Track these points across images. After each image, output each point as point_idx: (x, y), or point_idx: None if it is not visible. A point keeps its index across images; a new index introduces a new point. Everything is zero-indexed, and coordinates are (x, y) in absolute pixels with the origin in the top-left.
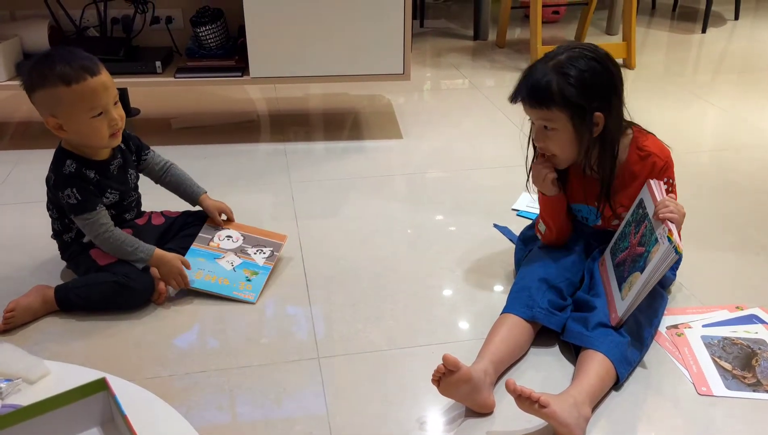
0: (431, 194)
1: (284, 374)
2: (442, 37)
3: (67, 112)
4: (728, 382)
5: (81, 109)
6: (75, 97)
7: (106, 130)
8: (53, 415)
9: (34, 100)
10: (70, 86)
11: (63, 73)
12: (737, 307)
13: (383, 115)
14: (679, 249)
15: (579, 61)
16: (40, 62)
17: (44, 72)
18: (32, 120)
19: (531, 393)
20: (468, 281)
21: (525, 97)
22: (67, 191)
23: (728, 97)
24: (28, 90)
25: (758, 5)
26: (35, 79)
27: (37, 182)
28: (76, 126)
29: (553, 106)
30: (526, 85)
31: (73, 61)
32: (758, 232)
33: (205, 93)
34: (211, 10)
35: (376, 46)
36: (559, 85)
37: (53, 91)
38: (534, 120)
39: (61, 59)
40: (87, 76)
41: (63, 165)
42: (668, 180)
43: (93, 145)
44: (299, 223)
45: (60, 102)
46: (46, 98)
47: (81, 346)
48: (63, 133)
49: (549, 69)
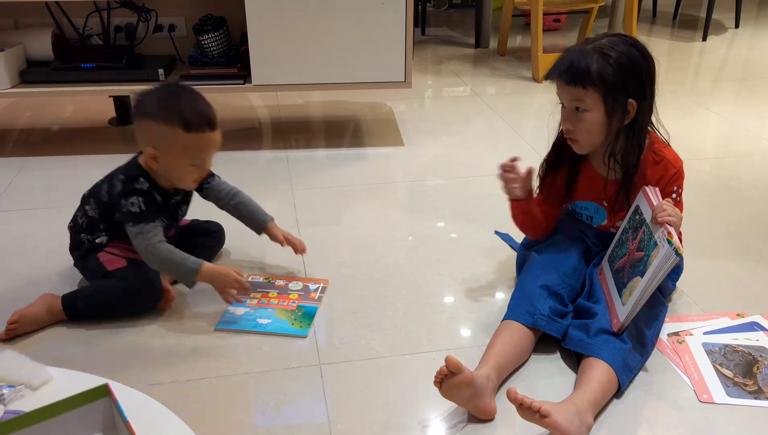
0: (432, 201)
1: (285, 381)
2: (444, 44)
3: (171, 152)
4: (729, 390)
5: (187, 156)
6: (188, 143)
7: (195, 178)
8: (56, 421)
9: (142, 125)
10: (188, 132)
11: (187, 118)
12: (738, 315)
13: (384, 122)
14: (679, 250)
15: (619, 45)
16: (169, 95)
17: (169, 107)
18: (35, 127)
19: (532, 402)
20: (469, 288)
21: (562, 73)
22: (133, 199)
23: (729, 105)
24: (141, 114)
25: (759, 13)
26: (156, 109)
27: (39, 189)
28: (172, 167)
29: (588, 85)
30: (565, 62)
31: (200, 108)
32: (759, 240)
33: (208, 100)
34: (214, 18)
35: (377, 54)
36: (598, 64)
37: (170, 129)
38: (566, 101)
39: (189, 101)
40: (207, 129)
41: (136, 180)
42: (677, 189)
43: (173, 185)
44: (300, 230)
45: (170, 141)
46: (157, 131)
47: (83, 352)
48: (153, 163)
49: (589, 50)
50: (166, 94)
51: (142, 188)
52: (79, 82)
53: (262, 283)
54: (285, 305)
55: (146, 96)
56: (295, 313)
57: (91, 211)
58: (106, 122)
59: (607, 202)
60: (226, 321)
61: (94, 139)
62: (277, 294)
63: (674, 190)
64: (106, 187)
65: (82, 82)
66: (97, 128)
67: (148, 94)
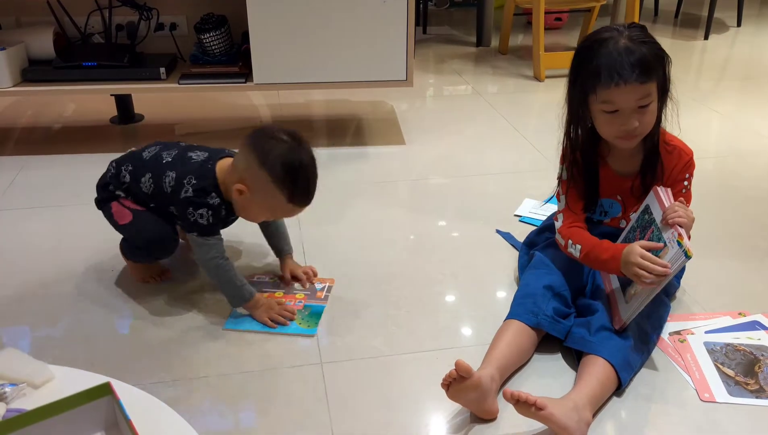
0: (434, 200)
1: (287, 380)
2: (445, 43)
3: (260, 201)
4: (731, 389)
5: (272, 212)
6: (281, 207)
7: (261, 220)
8: (58, 419)
9: (255, 169)
10: (288, 203)
11: (296, 195)
12: (740, 314)
13: (386, 121)
14: (689, 252)
15: (638, 31)
16: (294, 163)
17: (288, 174)
18: (36, 126)
19: (528, 397)
20: (471, 287)
21: (637, 75)
22: (202, 211)
23: (731, 104)
24: (261, 160)
25: (760, 12)
26: (275, 168)
27: (42, 187)
28: (251, 209)
29: (654, 77)
30: (630, 64)
31: (311, 189)
32: (761, 239)
33: (209, 99)
34: (215, 17)
35: (379, 53)
36: (651, 53)
37: (276, 190)
38: (633, 101)
39: (305, 180)
40: (303, 205)
41: (209, 195)
42: (688, 177)
43: (241, 216)
44: (302, 228)
45: (267, 196)
46: (263, 182)
47: (85, 350)
48: (235, 195)
49: (632, 44)
50: (292, 158)
51: (213, 203)
52: (81, 80)
53: (268, 283)
54: (292, 305)
55: (275, 147)
56: (302, 312)
57: (146, 186)
58: (108, 121)
59: (623, 195)
60: (234, 321)
61: (96, 137)
62: (284, 294)
63: (686, 178)
64: (170, 180)
65: (83, 80)
66: (99, 127)
67: (276, 145)
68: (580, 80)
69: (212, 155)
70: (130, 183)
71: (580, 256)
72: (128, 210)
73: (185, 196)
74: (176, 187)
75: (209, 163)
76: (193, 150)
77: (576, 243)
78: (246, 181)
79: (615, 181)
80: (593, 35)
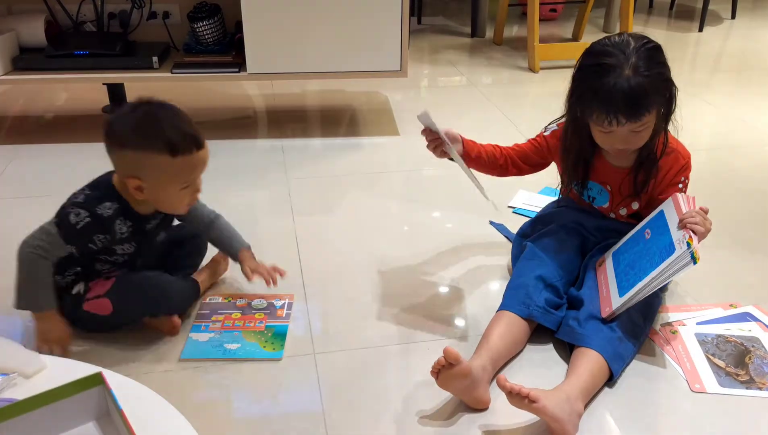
0: (428, 191)
1: (280, 370)
2: (440, 34)
3: (159, 180)
4: (721, 380)
5: (176, 181)
6: (176, 168)
7: (188, 202)
8: (49, 409)
9: (120, 155)
10: (175, 157)
11: (171, 142)
12: (731, 305)
13: (380, 111)
14: (696, 256)
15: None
16: (146, 119)
17: (148, 133)
18: (28, 115)
19: (521, 389)
20: (464, 278)
21: (626, 117)
22: (78, 211)
23: (725, 96)
24: (118, 143)
25: (755, 4)
26: (135, 137)
27: (33, 177)
28: (162, 194)
29: (654, 107)
30: (626, 106)
31: (184, 128)
32: (753, 231)
33: (202, 89)
34: (209, 6)
35: (373, 43)
36: (653, 87)
37: (153, 157)
38: (624, 132)
39: (170, 123)
40: (194, 149)
41: (100, 203)
42: (684, 180)
43: (167, 211)
44: (296, 219)
45: (156, 170)
46: (139, 160)
47: (77, 340)
48: (139, 195)
49: (634, 78)
50: (142, 118)
51: (99, 213)
52: (73, 69)
53: (221, 304)
54: (252, 326)
55: (119, 122)
56: (265, 334)
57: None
58: (100, 110)
59: (612, 186)
60: (191, 350)
61: (88, 127)
62: (241, 314)
63: (681, 181)
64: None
65: (75, 69)
66: (91, 116)
67: (120, 120)
68: (579, 98)
69: (108, 174)
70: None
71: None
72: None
73: (71, 196)
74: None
75: (104, 176)
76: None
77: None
78: (131, 174)
79: (607, 169)
80: (600, 53)
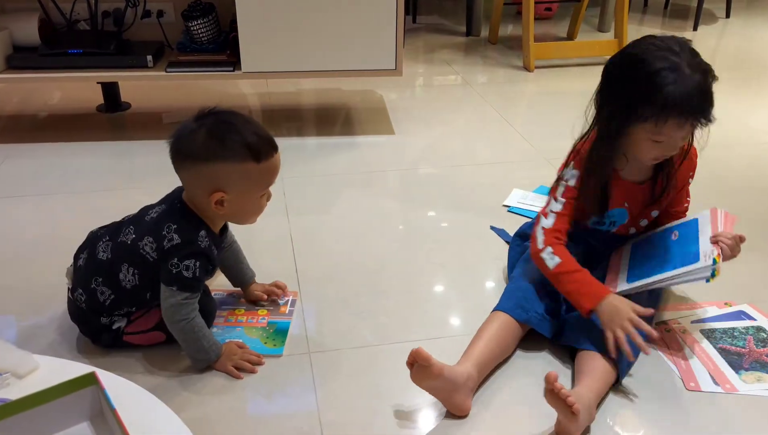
0: (423, 190)
1: (275, 369)
2: (435, 33)
3: (243, 189)
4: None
5: (259, 186)
6: (260, 174)
7: (263, 210)
8: (42, 409)
9: (197, 171)
10: (259, 163)
11: (254, 147)
12: (726, 304)
13: (375, 110)
14: (717, 273)
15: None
16: (222, 129)
17: (229, 142)
18: (22, 114)
19: (568, 397)
20: (460, 277)
21: (701, 116)
22: (189, 262)
23: (719, 95)
24: (194, 158)
25: (749, 4)
26: (215, 149)
27: (28, 176)
28: (245, 205)
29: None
30: (702, 106)
31: (260, 132)
32: (748, 229)
33: (197, 87)
34: (203, 4)
35: (368, 42)
36: (711, 84)
37: (238, 165)
38: (681, 136)
39: (247, 129)
40: (273, 152)
41: (197, 235)
42: (692, 174)
43: (240, 224)
44: (290, 218)
45: (241, 179)
46: (223, 173)
47: (70, 340)
48: (221, 209)
49: (698, 76)
50: (217, 128)
51: (203, 247)
52: (67, 68)
53: (226, 299)
54: (254, 323)
55: (188, 137)
56: (267, 330)
57: (130, 280)
58: (94, 109)
59: (630, 202)
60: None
61: (82, 126)
62: (245, 311)
63: (691, 176)
64: (150, 247)
65: (69, 68)
66: (85, 115)
67: (189, 135)
68: (631, 103)
69: (168, 197)
70: (115, 293)
71: (552, 270)
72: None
73: (170, 246)
74: (159, 246)
75: (176, 202)
76: (145, 212)
77: (556, 254)
78: (215, 187)
79: (625, 189)
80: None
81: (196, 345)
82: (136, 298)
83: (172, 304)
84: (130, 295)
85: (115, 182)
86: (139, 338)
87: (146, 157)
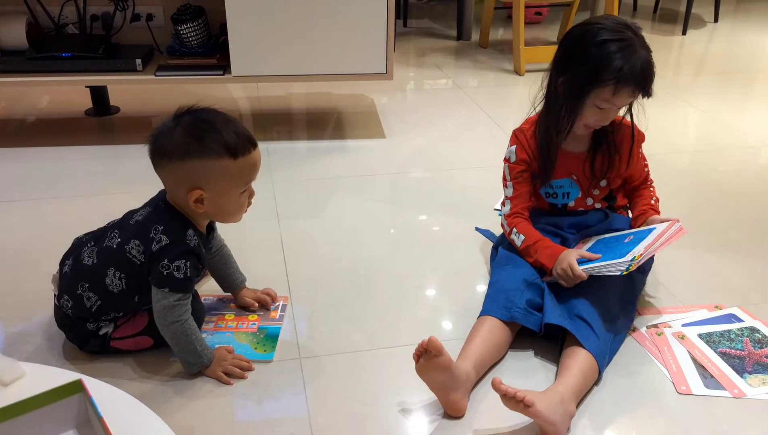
0: (414, 194)
1: (265, 375)
2: (426, 37)
3: (221, 186)
4: (707, 381)
5: (237, 183)
6: (237, 171)
7: (246, 208)
8: (28, 417)
9: (175, 168)
10: (236, 159)
11: (230, 144)
12: (716, 307)
13: (366, 114)
14: (629, 270)
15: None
16: (199, 126)
17: (206, 139)
18: (9, 118)
19: (516, 392)
20: (450, 281)
21: (645, 89)
22: (180, 263)
23: (708, 99)
24: (171, 156)
25: (737, 8)
26: (191, 146)
27: (15, 180)
28: (225, 203)
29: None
30: (649, 78)
31: (238, 129)
32: (737, 233)
33: (187, 91)
34: (193, 8)
35: (359, 46)
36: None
37: (214, 162)
38: (624, 102)
39: (224, 126)
40: (251, 148)
41: (185, 235)
42: (641, 151)
43: (224, 222)
44: (281, 222)
45: (218, 176)
46: (199, 170)
47: (56, 347)
48: (200, 207)
49: (646, 54)
50: (194, 125)
51: (192, 245)
52: (55, 71)
53: (216, 304)
54: (245, 328)
55: (166, 135)
56: (257, 335)
57: (117, 284)
58: (83, 113)
59: (578, 175)
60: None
61: (71, 130)
62: (234, 316)
63: (641, 149)
64: (137, 250)
65: (57, 72)
66: (74, 119)
67: (167, 134)
68: (592, 73)
69: (152, 200)
70: (102, 298)
71: (521, 247)
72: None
73: (159, 247)
74: (147, 248)
75: (160, 203)
76: (129, 216)
77: (520, 232)
78: (193, 185)
79: (567, 159)
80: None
81: (189, 348)
82: (124, 303)
83: (164, 305)
84: (118, 299)
85: (104, 187)
86: (126, 343)
87: (135, 161)
